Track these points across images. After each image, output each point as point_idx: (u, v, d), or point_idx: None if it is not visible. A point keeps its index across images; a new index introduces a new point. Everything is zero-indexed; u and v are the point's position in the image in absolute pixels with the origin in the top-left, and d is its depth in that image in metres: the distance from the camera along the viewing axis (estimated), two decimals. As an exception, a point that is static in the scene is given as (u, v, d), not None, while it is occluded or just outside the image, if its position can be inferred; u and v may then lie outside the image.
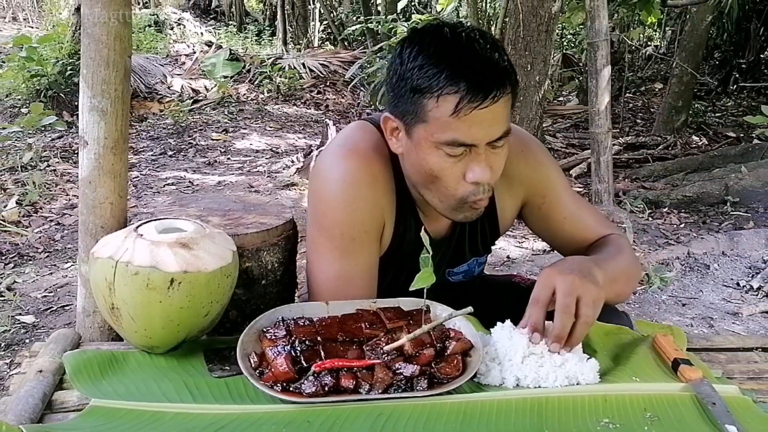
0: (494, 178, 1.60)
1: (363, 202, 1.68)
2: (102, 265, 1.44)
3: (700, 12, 8.49)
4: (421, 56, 1.53)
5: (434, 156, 1.56)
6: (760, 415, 1.36)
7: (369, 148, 1.72)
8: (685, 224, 5.81)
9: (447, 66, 1.50)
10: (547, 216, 1.89)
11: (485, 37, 1.55)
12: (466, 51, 1.52)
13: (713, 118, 9.67)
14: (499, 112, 1.51)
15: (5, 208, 5.33)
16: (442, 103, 1.50)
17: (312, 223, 1.74)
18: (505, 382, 1.42)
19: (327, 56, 11.68)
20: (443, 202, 1.64)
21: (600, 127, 5.72)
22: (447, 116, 1.50)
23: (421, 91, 1.52)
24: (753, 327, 4.03)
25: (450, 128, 1.51)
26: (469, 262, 1.96)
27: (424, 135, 1.56)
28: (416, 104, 1.54)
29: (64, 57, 8.56)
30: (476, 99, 1.47)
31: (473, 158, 1.55)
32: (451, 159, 1.55)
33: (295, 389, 1.31)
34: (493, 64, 1.51)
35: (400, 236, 1.79)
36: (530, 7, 6.34)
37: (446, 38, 1.54)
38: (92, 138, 1.69)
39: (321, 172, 1.74)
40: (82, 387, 1.37)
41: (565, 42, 12.47)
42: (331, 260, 1.70)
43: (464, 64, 1.49)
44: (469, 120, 1.49)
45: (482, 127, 1.51)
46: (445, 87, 1.49)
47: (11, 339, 3.57)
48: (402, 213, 1.77)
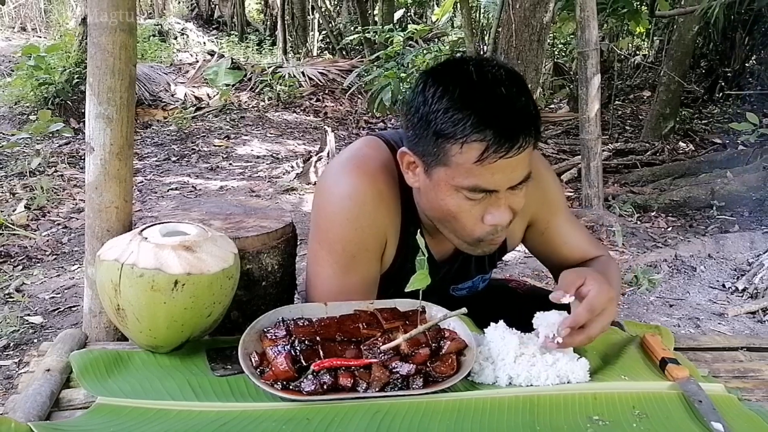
0: (513, 216, 1.57)
1: (366, 220, 1.64)
2: (108, 268, 1.44)
3: (686, 22, 8.50)
4: (446, 99, 1.45)
5: (454, 198, 1.52)
6: (745, 413, 1.36)
7: (377, 165, 1.68)
8: (673, 228, 5.82)
9: (473, 113, 1.42)
10: (549, 240, 1.87)
11: (512, 78, 1.48)
12: (492, 95, 1.44)
13: (700, 125, 9.67)
14: (523, 158, 1.46)
15: (14, 212, 5.33)
16: (466, 151, 1.44)
17: (314, 236, 1.72)
18: (498, 381, 1.42)
19: (326, 65, 11.69)
20: (460, 239, 1.62)
21: (590, 133, 5.72)
22: (470, 163, 1.44)
23: (445, 137, 1.45)
24: (738, 327, 4.03)
25: (473, 175, 1.46)
26: (474, 279, 1.95)
27: (445, 178, 1.51)
28: (438, 147, 1.48)
29: (71, 66, 8.56)
30: (502, 149, 1.41)
31: (493, 202, 1.51)
32: (470, 202, 1.51)
33: (295, 387, 1.31)
34: (520, 111, 1.45)
35: (403, 257, 1.75)
36: (522, 17, 6.36)
37: (471, 80, 1.46)
38: (98, 144, 1.69)
39: (327, 186, 1.71)
40: (89, 385, 1.37)
41: (556, 51, 12.47)
42: (332, 274, 1.68)
43: (491, 111, 1.42)
44: (493, 168, 1.44)
45: (505, 173, 1.46)
46: (471, 135, 1.42)
47: (20, 339, 3.56)
48: (406, 235, 1.72)
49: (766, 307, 4.21)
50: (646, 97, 11.34)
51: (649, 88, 11.62)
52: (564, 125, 9.47)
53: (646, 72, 12.34)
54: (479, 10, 13.35)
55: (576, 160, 7.14)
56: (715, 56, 11.19)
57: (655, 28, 11.73)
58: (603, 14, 8.04)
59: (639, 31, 9.68)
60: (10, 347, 3.49)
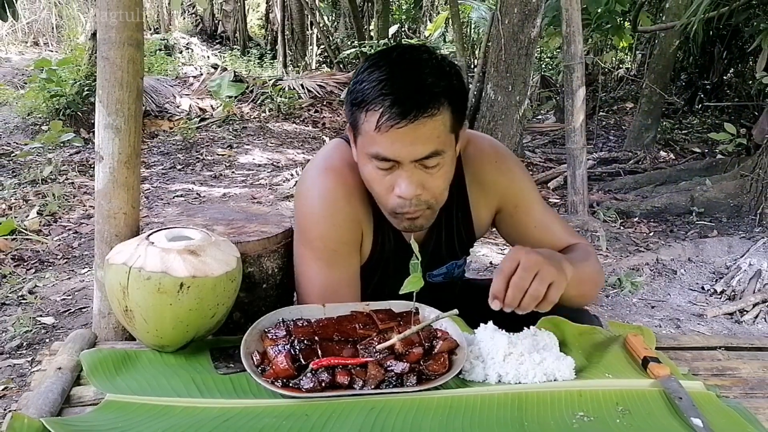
0: (431, 196, 1.59)
1: (340, 216, 1.68)
2: (116, 271, 1.44)
3: (667, 37, 8.53)
4: (365, 73, 1.53)
5: (368, 167, 1.58)
6: (723, 409, 1.37)
7: (344, 164, 1.72)
8: (654, 233, 5.82)
9: (378, 83, 1.49)
10: (519, 223, 1.86)
11: (433, 62, 1.54)
12: (401, 72, 1.51)
13: (680, 135, 9.69)
14: (423, 132, 1.49)
15: (27, 217, 5.31)
16: (369, 117, 1.50)
17: (297, 238, 1.76)
18: (488, 379, 1.42)
19: (324, 78, 11.67)
20: (384, 212, 1.66)
21: (575, 143, 5.73)
22: (372, 131, 1.50)
23: (357, 105, 1.53)
24: (717, 328, 4.04)
25: (375, 142, 1.51)
26: (448, 265, 1.95)
27: (361, 147, 1.58)
28: (354, 117, 1.55)
29: (81, 78, 8.54)
30: (394, 117, 1.46)
31: (399, 173, 1.54)
32: (381, 172, 1.56)
33: (294, 385, 1.32)
34: (420, 86, 1.49)
35: (380, 245, 1.79)
36: (511, 32, 6.37)
37: (390, 58, 1.54)
38: (107, 153, 1.69)
39: (302, 190, 1.76)
40: (98, 383, 1.37)
41: (543, 64, 12.49)
42: (317, 271, 1.70)
43: (393, 83, 1.48)
44: (390, 137, 1.48)
45: (403, 144, 1.49)
46: (371, 102, 1.49)
47: (33, 338, 3.55)
48: (379, 223, 1.76)
49: (743, 309, 4.21)
50: (628, 108, 11.36)
51: (631, 99, 11.64)
52: (551, 135, 9.49)
53: (628, 84, 12.37)
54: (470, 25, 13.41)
55: (562, 168, 7.15)
56: (694, 69, 11.22)
57: (637, 43, 11.76)
58: (588, 29, 8.07)
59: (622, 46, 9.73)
60: (23, 346, 3.48)
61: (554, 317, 1.63)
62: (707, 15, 7.09)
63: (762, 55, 7.10)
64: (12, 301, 4.01)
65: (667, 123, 9.97)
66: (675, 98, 11.17)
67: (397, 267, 1.73)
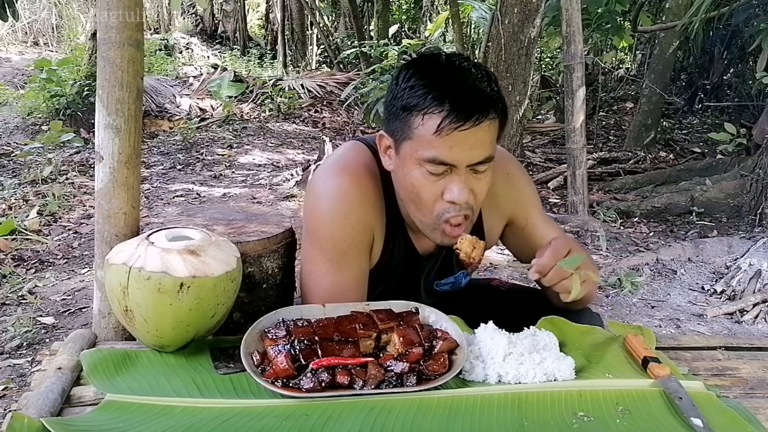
0: (475, 201, 1.59)
1: (353, 218, 1.67)
2: (117, 271, 1.44)
3: (667, 37, 8.53)
4: (414, 78, 1.53)
5: (417, 172, 1.56)
6: (723, 409, 1.37)
7: (360, 167, 1.72)
8: (654, 233, 5.82)
9: (435, 87, 1.49)
10: (529, 236, 1.88)
11: (478, 68, 1.55)
12: (454, 76, 1.52)
13: (680, 135, 9.69)
14: (481, 136, 1.51)
15: (27, 217, 5.31)
16: (426, 121, 1.50)
17: (306, 236, 1.74)
18: (488, 379, 1.42)
19: (324, 78, 11.67)
20: (422, 222, 1.64)
21: (575, 143, 5.73)
22: (430, 134, 1.49)
23: (410, 109, 1.52)
24: (716, 328, 4.04)
25: (432, 146, 1.50)
26: (456, 275, 1.95)
27: (410, 151, 1.55)
28: (404, 121, 1.54)
29: (81, 79, 8.54)
30: (458, 120, 1.47)
31: (452, 179, 1.54)
32: (432, 177, 1.55)
33: (295, 385, 1.32)
34: (479, 91, 1.51)
35: (390, 252, 1.78)
36: (511, 32, 6.36)
37: (439, 64, 1.54)
38: (107, 153, 1.69)
39: (315, 188, 1.74)
40: (98, 383, 1.37)
41: (543, 65, 12.48)
42: (325, 272, 1.70)
43: (451, 87, 1.49)
44: (451, 140, 1.48)
45: (463, 148, 1.50)
46: (431, 106, 1.49)
47: (33, 338, 3.55)
48: (391, 230, 1.76)
49: (743, 309, 4.21)
50: (628, 108, 11.36)
51: (631, 99, 11.64)
52: (551, 135, 9.48)
53: (628, 84, 12.37)
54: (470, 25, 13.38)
55: (562, 168, 7.15)
56: (694, 69, 11.23)
57: (637, 43, 11.76)
58: (588, 29, 8.06)
59: (622, 46, 9.71)
60: (23, 346, 3.48)
61: (554, 317, 1.63)
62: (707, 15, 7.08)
63: (762, 55, 7.09)
64: (12, 301, 4.01)
65: (667, 123, 9.97)
66: (675, 98, 11.17)
67: (404, 276, 1.73)
